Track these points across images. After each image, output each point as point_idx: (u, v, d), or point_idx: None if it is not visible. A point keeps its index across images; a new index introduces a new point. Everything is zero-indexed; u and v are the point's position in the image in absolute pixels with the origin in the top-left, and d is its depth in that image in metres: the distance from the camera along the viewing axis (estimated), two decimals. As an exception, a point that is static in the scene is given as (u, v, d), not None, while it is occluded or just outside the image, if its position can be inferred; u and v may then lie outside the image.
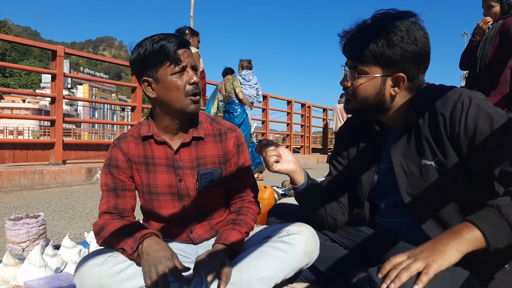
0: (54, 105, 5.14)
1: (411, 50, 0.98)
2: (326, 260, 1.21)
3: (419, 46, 0.98)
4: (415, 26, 0.99)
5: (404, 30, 0.98)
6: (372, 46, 0.99)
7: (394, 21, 0.99)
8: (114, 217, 1.19)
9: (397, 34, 0.97)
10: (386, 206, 1.16)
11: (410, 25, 0.99)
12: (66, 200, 3.67)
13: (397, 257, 0.81)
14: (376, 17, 1.03)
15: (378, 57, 0.99)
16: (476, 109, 0.93)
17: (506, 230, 0.80)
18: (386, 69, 1.01)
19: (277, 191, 3.07)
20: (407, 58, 0.98)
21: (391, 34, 0.97)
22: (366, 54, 1.00)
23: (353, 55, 1.04)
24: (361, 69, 1.03)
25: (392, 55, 0.98)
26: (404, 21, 0.99)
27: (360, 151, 1.20)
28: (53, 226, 2.60)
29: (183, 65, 1.14)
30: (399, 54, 0.98)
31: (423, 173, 1.02)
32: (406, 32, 0.98)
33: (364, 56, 1.01)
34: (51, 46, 5.21)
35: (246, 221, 1.22)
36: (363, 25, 1.03)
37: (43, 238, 1.78)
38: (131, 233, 1.09)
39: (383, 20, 1.01)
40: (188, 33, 4.37)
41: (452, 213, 1.01)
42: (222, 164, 1.26)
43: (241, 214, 1.24)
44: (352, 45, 1.04)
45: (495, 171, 0.90)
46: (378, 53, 0.99)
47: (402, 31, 0.97)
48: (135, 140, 1.24)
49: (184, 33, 4.38)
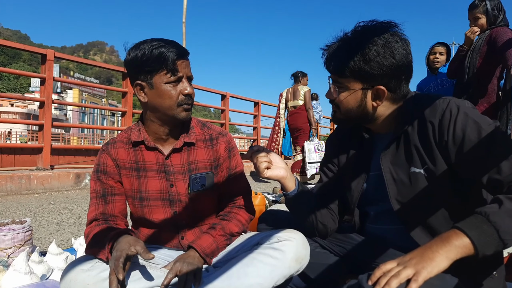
0: (43, 109, 5.08)
1: (388, 64, 0.99)
2: (317, 267, 1.20)
3: (397, 58, 0.99)
4: (393, 38, 1.00)
5: (381, 44, 0.98)
6: (350, 62, 1.00)
7: (371, 35, 1.00)
8: (99, 223, 1.17)
9: (372, 49, 0.98)
10: (375, 213, 1.17)
11: (388, 37, 0.99)
12: (53, 205, 3.61)
13: (387, 264, 0.82)
14: (355, 31, 1.04)
15: (355, 72, 1.01)
16: (464, 118, 0.94)
17: (494, 237, 0.81)
18: (366, 83, 1.02)
19: (268, 198, 3.07)
20: (384, 72, 0.99)
21: (366, 50, 0.98)
22: (345, 69, 1.02)
23: (334, 70, 1.06)
24: (342, 84, 1.05)
25: (369, 70, 0.99)
26: (382, 35, 0.99)
27: (350, 158, 1.20)
28: (39, 232, 2.55)
29: (179, 75, 1.14)
30: (376, 68, 0.99)
31: (412, 180, 1.03)
32: (382, 47, 0.98)
33: (343, 72, 1.02)
34: (40, 50, 5.16)
35: (226, 226, 1.21)
36: (343, 39, 1.05)
37: (29, 244, 1.75)
38: (103, 241, 1.07)
39: (361, 35, 1.02)
40: (300, 75, 5.58)
41: (441, 220, 1.01)
42: (213, 169, 1.26)
43: (224, 219, 1.24)
44: (332, 60, 1.06)
45: (483, 178, 0.91)
46: (355, 69, 1.00)
47: (378, 46, 0.98)
48: (125, 146, 1.23)
49: (297, 76, 5.59)
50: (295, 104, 5.60)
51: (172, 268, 1.06)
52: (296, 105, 5.59)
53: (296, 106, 5.59)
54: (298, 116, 5.59)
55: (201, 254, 1.13)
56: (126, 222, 1.25)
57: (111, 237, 1.06)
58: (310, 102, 5.58)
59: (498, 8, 2.81)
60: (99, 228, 1.15)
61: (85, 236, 1.18)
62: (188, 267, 1.06)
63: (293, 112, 5.63)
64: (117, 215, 1.22)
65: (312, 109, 5.64)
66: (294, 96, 5.62)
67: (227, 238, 1.20)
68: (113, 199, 1.21)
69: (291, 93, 5.68)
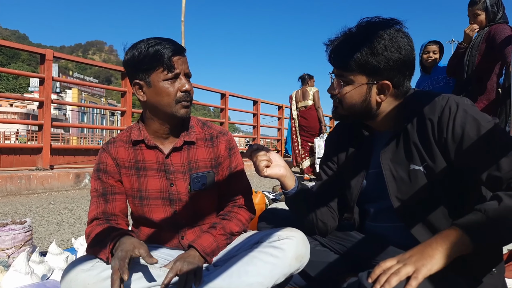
0: (42, 109, 5.07)
1: (394, 58, 0.99)
2: (317, 265, 1.21)
3: (403, 54, 1.00)
4: (399, 34, 1.01)
5: (388, 38, 0.99)
6: (357, 55, 1.00)
7: (378, 29, 1.01)
8: (100, 223, 1.17)
9: (381, 43, 0.99)
10: (375, 211, 1.17)
11: (394, 33, 1.00)
12: (53, 205, 3.61)
13: (386, 261, 0.82)
14: (360, 26, 1.04)
15: (362, 66, 1.01)
16: (463, 115, 0.94)
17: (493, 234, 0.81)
18: (371, 77, 1.02)
19: (268, 196, 3.07)
20: (391, 66, 1.00)
21: (374, 43, 0.99)
22: (351, 63, 1.02)
23: (339, 64, 1.06)
24: (346, 78, 1.04)
25: (376, 64, 1.00)
26: (388, 30, 1.00)
27: (349, 156, 1.20)
28: (39, 232, 2.55)
29: (176, 72, 1.14)
30: (383, 63, 0.99)
31: (411, 177, 1.03)
32: (389, 41, 0.99)
33: (349, 65, 1.02)
34: (39, 50, 5.15)
35: (226, 226, 1.21)
36: (348, 34, 1.05)
37: (29, 244, 1.75)
38: (105, 241, 1.07)
39: (367, 29, 1.02)
40: (307, 77, 5.99)
41: (440, 217, 1.01)
42: (214, 168, 1.26)
43: (225, 219, 1.24)
44: (338, 54, 1.06)
45: (482, 175, 0.91)
46: (362, 62, 1.00)
47: (385, 40, 0.99)
48: (125, 145, 1.23)
49: (305, 78, 6.00)
50: (305, 104, 6.05)
51: (173, 267, 1.06)
52: (306, 105, 6.04)
53: (306, 106, 6.04)
54: (309, 116, 6.04)
55: (202, 254, 1.13)
56: (127, 221, 1.25)
57: (113, 238, 1.06)
58: (319, 101, 6.02)
59: (497, 4, 2.81)
60: (100, 228, 1.15)
61: (86, 235, 1.18)
62: (188, 266, 1.06)
63: (303, 112, 6.08)
64: (118, 214, 1.22)
65: (321, 109, 6.04)
66: (304, 97, 6.05)
67: (227, 237, 1.20)
68: (114, 198, 1.22)
69: (300, 95, 6.12)
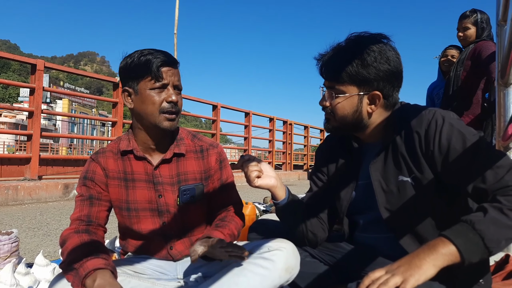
0: (32, 119, 5.03)
1: (384, 69, 1.03)
2: (307, 276, 1.21)
3: (392, 65, 1.04)
4: (387, 47, 1.05)
5: (377, 51, 1.04)
6: (348, 67, 1.04)
7: (367, 42, 1.05)
8: (79, 229, 1.11)
9: (371, 55, 1.03)
10: (364, 222, 1.18)
11: (383, 46, 1.05)
12: (40, 216, 3.55)
13: (375, 272, 0.82)
14: (350, 40, 1.09)
15: (353, 77, 1.04)
16: (449, 128, 0.97)
17: (479, 245, 0.82)
18: (362, 88, 1.06)
19: (259, 207, 3.07)
20: (381, 76, 1.04)
21: (365, 55, 1.03)
22: (343, 74, 1.05)
23: (330, 76, 1.09)
24: (338, 89, 1.07)
25: (366, 75, 1.03)
26: (377, 43, 1.05)
27: (339, 167, 1.22)
28: (26, 244, 2.51)
29: (164, 82, 1.15)
30: (373, 73, 1.03)
31: (400, 189, 1.04)
32: (379, 53, 1.03)
33: (340, 77, 1.06)
34: (30, 60, 5.13)
35: (230, 227, 1.21)
36: (338, 47, 1.09)
37: (16, 255, 1.72)
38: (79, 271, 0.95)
39: (357, 42, 1.07)
40: None
41: (428, 228, 1.03)
42: (203, 180, 1.26)
43: (225, 221, 1.24)
44: (329, 66, 1.09)
45: (468, 187, 0.93)
46: (353, 73, 1.04)
47: (375, 52, 1.03)
48: (114, 156, 1.23)
49: None
50: None
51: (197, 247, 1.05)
52: None
53: None
54: None
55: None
56: (105, 229, 1.21)
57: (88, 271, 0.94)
58: None
59: (486, 22, 2.88)
60: (77, 239, 1.07)
61: (62, 236, 1.11)
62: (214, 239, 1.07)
63: None
64: (100, 220, 1.18)
65: None
66: None
67: (234, 238, 1.21)
68: (99, 203, 1.19)
69: None
